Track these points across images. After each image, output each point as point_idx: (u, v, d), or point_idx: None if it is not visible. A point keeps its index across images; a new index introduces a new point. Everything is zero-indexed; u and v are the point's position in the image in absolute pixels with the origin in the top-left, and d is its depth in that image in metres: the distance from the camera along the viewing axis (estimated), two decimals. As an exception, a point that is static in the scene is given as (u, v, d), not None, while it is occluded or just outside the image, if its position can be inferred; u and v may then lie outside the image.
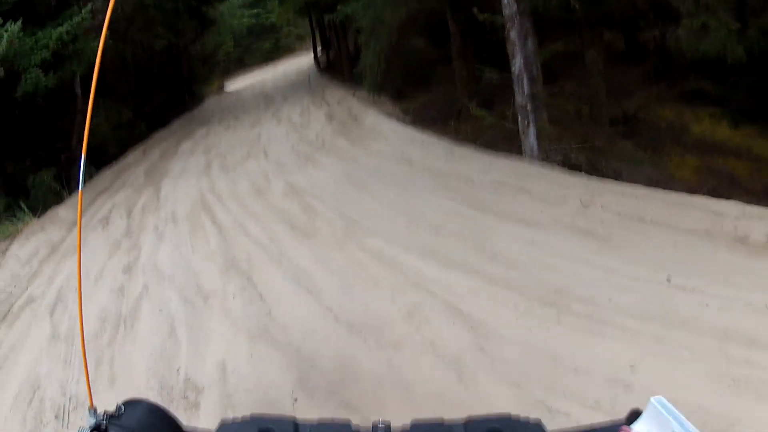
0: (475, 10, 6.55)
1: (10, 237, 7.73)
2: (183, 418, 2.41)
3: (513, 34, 6.21)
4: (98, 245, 6.58)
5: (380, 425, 0.90)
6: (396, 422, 0.89)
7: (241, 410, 2.93)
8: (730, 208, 5.12)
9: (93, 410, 0.87)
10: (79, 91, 11.43)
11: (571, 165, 6.39)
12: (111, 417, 0.87)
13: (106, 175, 11.00)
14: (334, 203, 6.50)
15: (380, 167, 7.85)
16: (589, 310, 3.68)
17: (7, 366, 4.29)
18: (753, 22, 6.70)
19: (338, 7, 10.74)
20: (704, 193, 5.96)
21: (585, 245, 4.79)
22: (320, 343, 3.58)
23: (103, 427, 0.85)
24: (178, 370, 3.52)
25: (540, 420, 0.90)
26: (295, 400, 3.03)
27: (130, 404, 0.91)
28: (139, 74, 17.25)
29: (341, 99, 13.31)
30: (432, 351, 3.32)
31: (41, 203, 9.18)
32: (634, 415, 0.82)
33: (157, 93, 18.08)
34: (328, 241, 5.46)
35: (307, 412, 2.79)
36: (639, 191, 5.63)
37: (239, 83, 26.18)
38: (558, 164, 6.39)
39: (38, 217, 8.51)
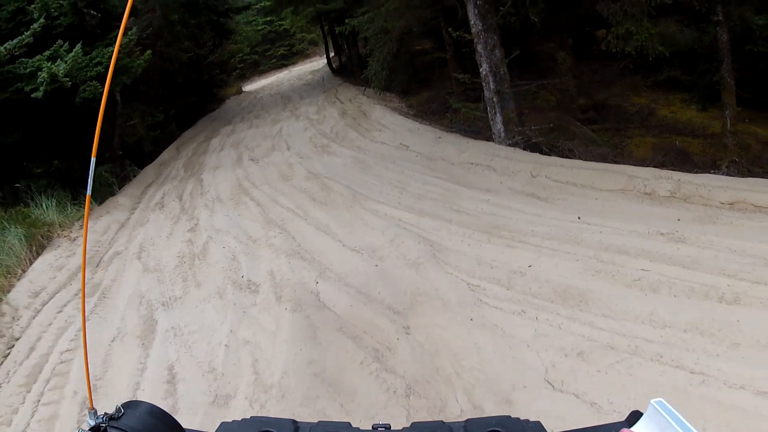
0: (450, 29, 8.74)
1: (81, 219, 9.97)
2: (250, 299, 5.01)
3: (479, 47, 8.35)
4: (160, 219, 8.86)
5: (380, 427, 0.99)
6: (396, 425, 0.98)
7: (285, 290, 5.13)
8: (644, 172, 7.08)
9: (93, 411, 0.97)
10: (118, 98, 13.62)
11: (532, 146, 8.45)
12: (111, 418, 0.95)
13: (148, 171, 13.27)
14: (344, 182, 8.64)
15: (382, 153, 10.06)
16: (512, 235, 5.77)
17: (114, 288, 6.53)
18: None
19: (346, 20, 12.81)
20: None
21: (526, 202, 6.88)
22: (332, 257, 5.81)
23: (103, 428, 0.95)
24: (242, 276, 5.75)
25: (540, 422, 1.01)
26: (317, 282, 5.24)
27: (129, 405, 0.98)
28: (166, 81, 19.58)
29: (353, 97, 15.56)
30: (403, 258, 5.48)
31: (99, 194, 11.51)
32: (635, 417, 0.92)
33: (183, 97, 20.46)
34: (339, 206, 7.62)
35: (325, 289, 5.01)
36: (578, 164, 7.67)
37: (257, 85, 28.71)
38: (521, 146, 8.45)
39: (99, 204, 10.75)
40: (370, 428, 0.98)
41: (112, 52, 11.69)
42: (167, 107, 18.45)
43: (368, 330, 4.34)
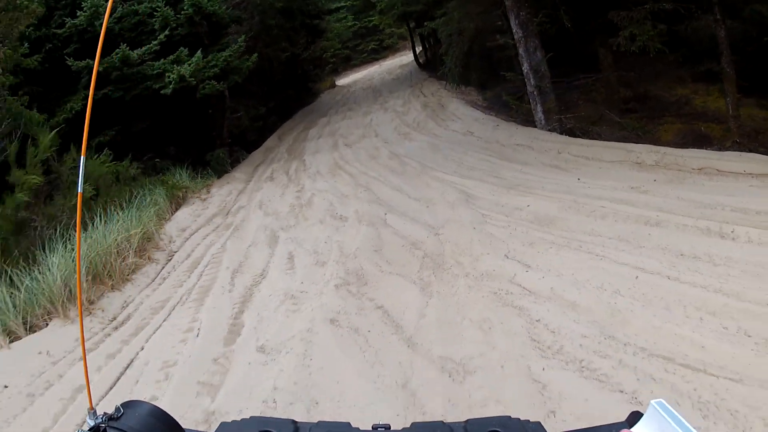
0: (498, 36, 12.10)
1: (207, 186, 14.14)
2: (341, 223, 9.45)
3: (521, 50, 11.67)
4: (272, 187, 12.90)
5: (380, 428, 1.07)
6: (396, 425, 1.10)
7: (365, 218, 8.91)
8: (640, 148, 9.98)
9: (92, 412, 1.05)
10: (227, 93, 17.58)
11: (567, 131, 11.66)
12: (110, 418, 1.03)
13: (256, 155, 17.59)
14: (418, 159, 12.27)
15: (451, 138, 13.68)
16: (526, 190, 9.05)
17: (244, 224, 10.56)
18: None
19: (425, 23, 16.31)
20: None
21: (548, 171, 10.11)
22: (399, 203, 9.49)
23: (103, 428, 1.02)
24: (336, 213, 9.58)
25: (540, 422, 1.09)
26: (385, 214, 8.94)
27: (129, 405, 1.07)
28: (266, 78, 23.55)
29: (435, 91, 19.38)
30: (446, 203, 8.99)
31: (216, 171, 15.75)
32: (635, 417, 1.00)
33: (281, 92, 24.63)
34: (411, 175, 11.22)
35: (390, 218, 8.83)
36: (594, 143, 10.79)
37: (349, 79, 33.33)
38: (558, 131, 11.69)
39: (218, 178, 15.01)
40: (370, 428, 1.09)
41: (225, 56, 15.88)
42: (267, 101, 22.43)
43: (412, 234, 7.97)
